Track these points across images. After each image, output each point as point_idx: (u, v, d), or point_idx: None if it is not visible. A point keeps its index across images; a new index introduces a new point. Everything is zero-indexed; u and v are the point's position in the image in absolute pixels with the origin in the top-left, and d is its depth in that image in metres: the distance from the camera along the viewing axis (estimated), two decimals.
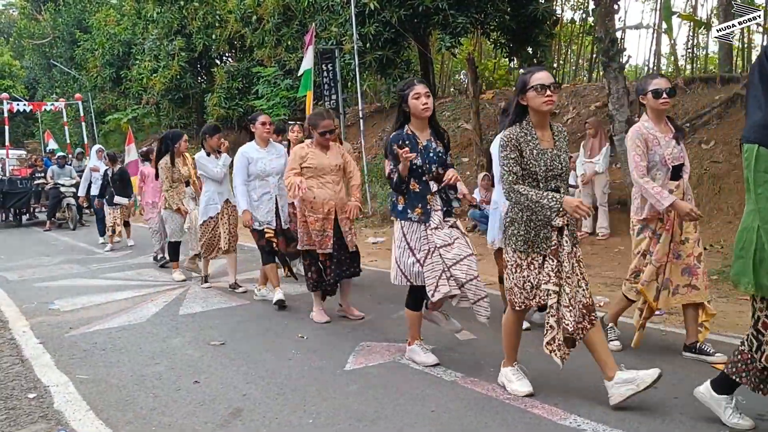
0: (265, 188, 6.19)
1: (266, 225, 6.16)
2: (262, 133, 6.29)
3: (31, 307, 6.73)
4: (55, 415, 3.79)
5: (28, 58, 34.35)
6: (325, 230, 5.36)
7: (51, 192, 15.10)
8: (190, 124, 24.90)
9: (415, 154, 4.20)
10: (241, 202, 6.12)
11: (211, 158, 7.03)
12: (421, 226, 4.23)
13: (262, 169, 6.16)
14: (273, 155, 6.30)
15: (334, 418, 3.58)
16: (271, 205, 6.19)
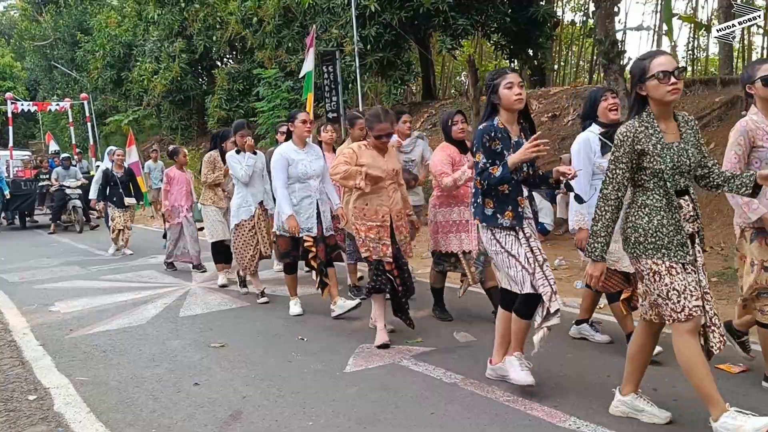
0: (305, 192, 5.72)
1: (306, 232, 5.70)
2: (302, 132, 5.79)
3: (31, 308, 6.74)
4: (56, 417, 3.79)
5: (29, 59, 34.39)
6: (382, 238, 4.86)
7: (56, 194, 14.77)
8: (190, 125, 24.94)
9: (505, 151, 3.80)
10: (284, 207, 5.61)
11: (241, 156, 6.51)
12: (511, 233, 3.81)
13: (302, 171, 5.68)
14: (312, 156, 5.82)
15: (334, 421, 3.58)
16: (312, 210, 5.72)
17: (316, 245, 5.69)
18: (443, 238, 5.40)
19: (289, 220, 5.57)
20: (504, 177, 3.69)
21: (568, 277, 7.25)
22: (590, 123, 4.58)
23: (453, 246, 5.35)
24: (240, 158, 6.45)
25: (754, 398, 3.65)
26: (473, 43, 23.18)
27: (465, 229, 5.31)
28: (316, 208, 5.75)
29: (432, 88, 18.89)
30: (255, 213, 6.56)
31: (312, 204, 5.73)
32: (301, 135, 5.79)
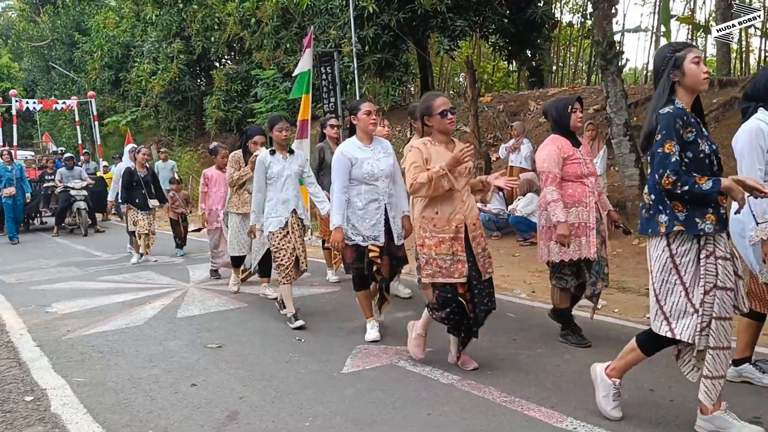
0: (372, 194, 4.90)
1: (372, 241, 4.89)
2: (368, 125, 4.95)
3: (28, 309, 6.73)
4: (52, 418, 3.79)
5: (27, 60, 34.38)
6: (456, 253, 4.07)
7: (60, 195, 14.19)
8: (188, 126, 24.94)
9: None
10: (335, 216, 4.85)
11: (276, 157, 5.77)
12: (695, 246, 3.11)
13: (369, 171, 4.87)
14: (380, 153, 4.99)
15: (331, 422, 3.58)
16: (380, 216, 4.90)
17: (381, 257, 4.92)
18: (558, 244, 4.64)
19: (336, 232, 4.85)
20: (712, 194, 2.98)
21: None
22: (759, 107, 3.69)
23: (571, 253, 4.63)
24: (277, 159, 5.74)
25: (752, 398, 3.66)
26: (471, 45, 23.22)
27: (584, 233, 4.62)
28: (384, 213, 4.95)
29: (430, 89, 18.87)
30: (288, 223, 5.72)
31: (380, 209, 4.92)
32: (366, 129, 4.97)
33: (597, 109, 12.58)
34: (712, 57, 23.26)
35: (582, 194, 4.64)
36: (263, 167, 5.70)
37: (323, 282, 7.61)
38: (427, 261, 4.13)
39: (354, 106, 5.06)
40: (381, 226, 4.92)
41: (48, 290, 7.78)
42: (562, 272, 4.77)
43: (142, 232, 9.58)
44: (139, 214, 9.56)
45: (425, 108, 4.19)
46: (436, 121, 4.14)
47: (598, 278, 4.73)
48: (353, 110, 5.03)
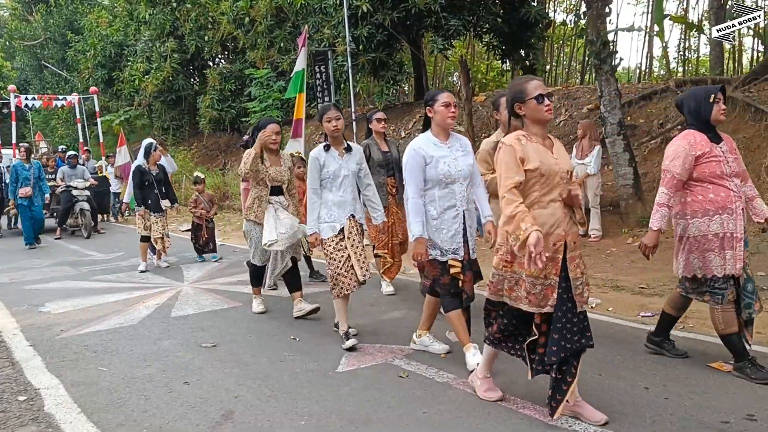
0: (449, 200, 4.23)
1: (452, 255, 4.24)
2: (446, 118, 4.26)
3: (21, 309, 6.70)
4: (46, 417, 3.77)
5: (19, 59, 34.24)
6: (548, 276, 3.35)
7: (62, 196, 13.38)
8: (182, 126, 24.88)
9: None
10: (415, 225, 4.17)
11: (332, 154, 5.05)
12: None
13: (445, 171, 4.18)
14: (458, 151, 4.31)
15: (326, 420, 3.58)
16: (458, 225, 4.22)
17: (463, 272, 4.25)
18: (699, 257, 4.06)
19: (418, 244, 4.18)
20: None
21: None
22: None
23: (714, 268, 4.01)
24: (333, 157, 5.03)
25: (747, 396, 3.67)
26: (465, 44, 23.24)
27: (730, 245, 3.99)
28: (462, 221, 4.27)
29: (424, 89, 18.86)
30: (344, 229, 5.04)
31: (458, 216, 4.23)
32: (444, 123, 4.28)
33: (591, 109, 12.60)
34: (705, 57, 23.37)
35: (726, 199, 3.99)
36: (317, 165, 4.99)
37: (318, 281, 7.59)
38: (516, 282, 3.41)
39: (431, 97, 4.37)
40: (460, 237, 4.24)
41: (41, 290, 7.75)
42: (714, 286, 4.06)
43: (157, 237, 8.94)
44: (152, 217, 8.94)
45: (516, 93, 3.46)
46: (531, 109, 3.42)
47: (754, 299, 4.11)
48: (429, 101, 4.34)
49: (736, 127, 9.55)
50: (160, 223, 8.96)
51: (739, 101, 9.90)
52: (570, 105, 13.61)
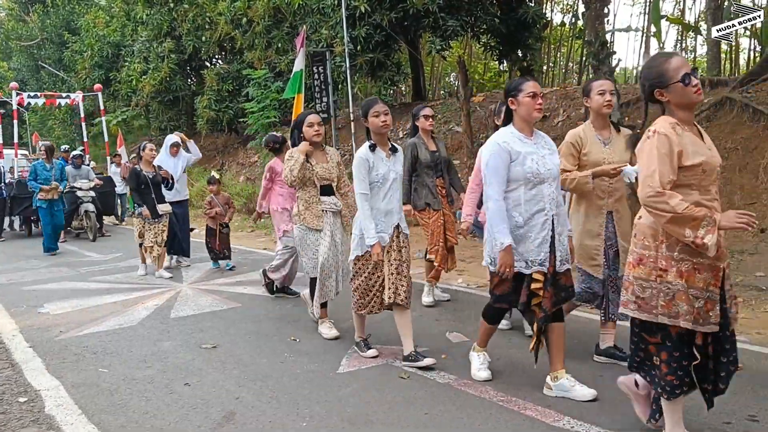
0: (536, 203, 3.74)
1: (537, 267, 3.73)
2: (532, 111, 3.76)
3: (20, 310, 6.68)
4: (47, 419, 3.76)
5: (16, 59, 34.13)
6: (708, 288, 2.89)
7: (66, 197, 12.53)
8: (179, 126, 24.81)
9: None
10: (499, 232, 3.66)
11: (378, 154, 4.52)
12: None
13: (533, 170, 3.69)
14: (545, 149, 3.83)
15: (328, 421, 3.58)
16: (546, 233, 3.74)
17: (544, 288, 3.76)
18: None
19: (506, 253, 3.66)
20: None
21: None
22: None
23: None
24: (378, 158, 4.50)
25: (748, 396, 3.68)
26: (462, 45, 23.25)
27: None
28: (551, 228, 3.78)
29: (422, 89, 18.91)
30: (390, 240, 4.53)
31: (546, 222, 3.74)
32: (530, 116, 3.78)
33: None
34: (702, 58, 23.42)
35: None
36: (366, 166, 4.45)
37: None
38: (674, 295, 2.88)
39: (514, 87, 3.83)
40: (548, 246, 3.75)
41: (40, 291, 7.73)
42: None
43: (148, 245, 8.30)
44: (145, 224, 8.27)
45: (657, 75, 2.98)
46: (677, 93, 2.94)
47: None
48: (512, 91, 3.82)
49: (734, 128, 9.57)
50: (154, 230, 8.27)
51: (736, 102, 9.92)
52: (568, 105, 13.62)
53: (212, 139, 23.77)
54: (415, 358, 4.42)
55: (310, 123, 5.10)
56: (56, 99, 18.79)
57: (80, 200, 12.95)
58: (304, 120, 5.23)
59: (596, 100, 4.16)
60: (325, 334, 5.26)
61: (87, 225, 13.10)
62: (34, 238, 13.66)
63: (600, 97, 4.13)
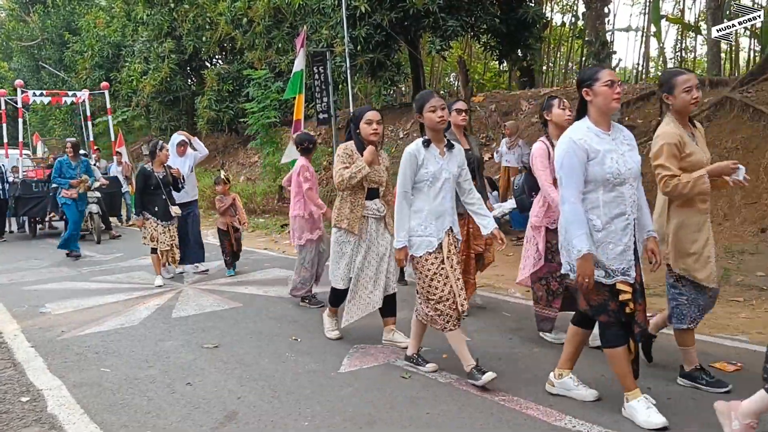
0: (617, 206, 3.42)
1: (621, 276, 3.42)
2: (611, 101, 3.45)
3: (21, 310, 6.69)
4: (49, 418, 3.77)
5: (17, 60, 34.15)
6: None
7: None
8: (180, 126, 24.82)
9: None
10: (578, 238, 3.33)
11: (432, 151, 4.14)
12: None
13: (614, 169, 3.37)
14: (624, 144, 3.49)
15: (329, 421, 3.58)
16: (629, 239, 3.44)
17: (635, 300, 3.44)
18: None
19: (584, 262, 3.33)
20: None
21: None
22: None
23: None
24: (431, 155, 4.13)
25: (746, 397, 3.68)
26: (463, 45, 23.25)
27: None
28: (633, 233, 3.49)
29: (422, 89, 18.85)
30: (442, 246, 4.14)
31: (628, 228, 3.43)
32: (609, 107, 3.46)
33: None
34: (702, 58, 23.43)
35: None
36: (414, 163, 4.10)
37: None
38: None
39: (589, 76, 3.52)
40: (631, 253, 3.44)
41: (41, 291, 7.74)
42: None
43: (164, 249, 7.88)
44: (159, 226, 7.86)
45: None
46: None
47: None
48: (586, 81, 3.50)
49: (734, 128, 9.58)
50: (169, 233, 7.86)
51: (737, 102, 9.93)
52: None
53: (212, 140, 23.78)
54: (416, 361, 4.38)
55: (368, 120, 4.72)
56: (62, 97, 17.96)
57: None
58: (362, 115, 4.84)
59: (683, 98, 3.73)
60: (327, 328, 5.26)
61: (91, 227, 12.65)
62: (38, 239, 13.68)
63: (687, 95, 3.72)
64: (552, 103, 4.75)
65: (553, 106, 4.73)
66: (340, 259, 4.93)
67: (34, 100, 17.16)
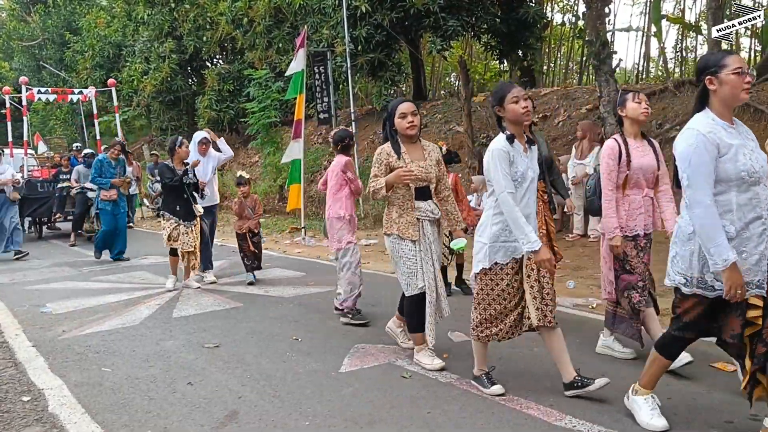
0: (752, 209, 3.03)
1: (756, 290, 3.03)
2: (739, 91, 3.12)
3: (23, 310, 6.69)
4: (50, 418, 3.77)
5: (17, 59, 34.16)
6: None
7: (77, 198, 12.17)
8: (180, 126, 24.85)
9: None
10: (719, 246, 2.91)
11: (517, 148, 3.72)
12: None
13: (748, 167, 2.99)
14: (750, 141, 3.15)
15: (330, 421, 3.59)
16: (764, 247, 3.04)
17: (764, 317, 3.03)
18: None
19: (733, 272, 2.91)
20: None
21: (560, 276, 7.28)
22: None
23: None
24: (517, 152, 3.70)
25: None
26: (463, 44, 23.26)
27: None
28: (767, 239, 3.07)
29: (422, 89, 18.92)
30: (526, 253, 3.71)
31: (765, 233, 3.03)
32: (737, 98, 3.15)
33: (589, 109, 12.62)
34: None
35: None
36: (508, 160, 3.66)
37: (319, 281, 7.60)
38: None
39: (714, 62, 3.14)
40: (765, 263, 3.05)
41: (42, 290, 7.74)
42: None
43: (187, 250, 7.38)
44: (181, 226, 7.38)
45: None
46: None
47: None
48: (711, 68, 3.13)
49: None
50: (191, 235, 7.37)
51: None
52: (569, 105, 13.63)
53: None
54: (582, 383, 3.71)
55: (402, 114, 4.32)
56: (68, 95, 17.43)
57: (91, 201, 12.05)
58: (395, 110, 4.41)
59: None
60: (427, 365, 4.38)
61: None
62: (43, 240, 13.62)
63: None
64: (626, 98, 4.34)
65: (627, 101, 4.31)
66: (401, 266, 4.41)
67: (39, 97, 16.78)
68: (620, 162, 4.19)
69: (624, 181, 4.22)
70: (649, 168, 4.23)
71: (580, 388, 3.67)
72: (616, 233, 4.17)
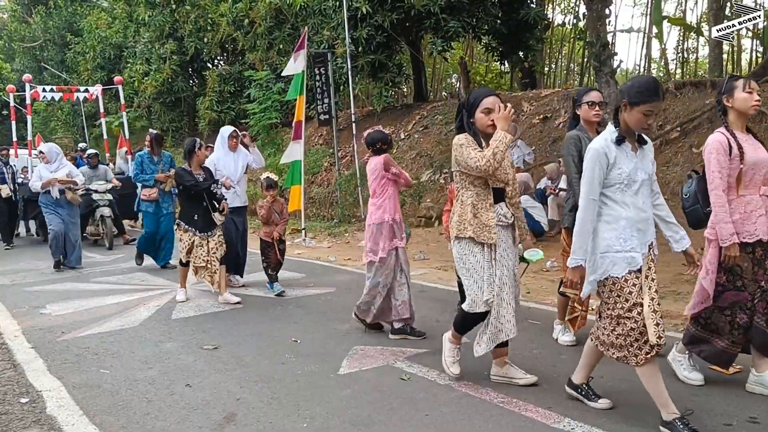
0: None
1: None
2: None
3: (22, 311, 6.69)
4: (48, 420, 3.76)
5: (19, 61, 34.19)
6: None
7: (82, 199, 10.81)
8: (181, 127, 24.89)
9: None
10: None
11: (624, 148, 3.38)
12: None
13: None
14: None
15: (329, 423, 3.58)
16: None
17: None
18: None
19: None
20: None
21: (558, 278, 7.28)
22: None
23: None
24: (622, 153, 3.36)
25: (749, 398, 3.68)
26: (464, 46, 23.26)
27: None
28: None
29: (423, 90, 18.92)
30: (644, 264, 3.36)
31: None
32: None
33: None
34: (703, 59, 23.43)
35: None
36: (605, 162, 3.34)
37: (318, 282, 7.59)
38: None
39: None
40: None
41: (42, 292, 7.74)
42: None
43: (198, 265, 6.65)
44: (196, 237, 6.67)
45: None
46: None
47: None
48: None
49: None
50: (206, 247, 6.64)
51: None
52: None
53: (214, 140, 23.76)
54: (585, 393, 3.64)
55: (486, 109, 3.86)
56: (73, 93, 16.71)
57: (96, 204, 11.62)
58: (477, 102, 3.93)
59: None
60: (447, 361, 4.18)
61: (102, 231, 11.89)
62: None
63: None
64: (735, 86, 3.81)
65: (735, 89, 3.80)
66: (471, 275, 3.91)
67: (45, 96, 16.39)
68: (731, 157, 3.74)
69: (737, 179, 3.73)
70: (764, 163, 3.77)
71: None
72: (733, 240, 3.63)
